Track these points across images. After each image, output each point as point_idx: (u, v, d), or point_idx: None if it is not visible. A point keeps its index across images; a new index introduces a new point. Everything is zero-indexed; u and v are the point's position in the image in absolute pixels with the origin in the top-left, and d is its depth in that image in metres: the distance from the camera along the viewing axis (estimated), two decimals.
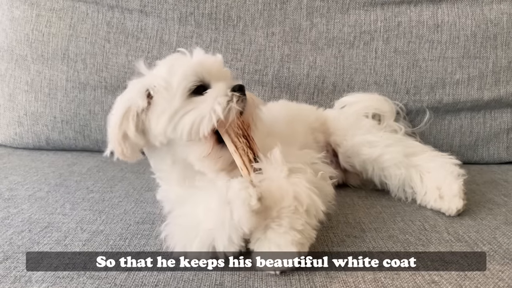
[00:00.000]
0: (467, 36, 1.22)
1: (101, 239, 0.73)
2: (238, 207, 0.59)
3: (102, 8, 1.23)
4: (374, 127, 1.07)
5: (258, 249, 0.62)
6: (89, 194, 0.94)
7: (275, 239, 0.61)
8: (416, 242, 0.73)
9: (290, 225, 0.62)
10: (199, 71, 0.71)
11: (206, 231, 0.62)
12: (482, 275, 0.63)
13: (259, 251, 0.62)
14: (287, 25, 1.23)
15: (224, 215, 0.60)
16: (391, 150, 0.95)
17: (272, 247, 0.61)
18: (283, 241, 0.61)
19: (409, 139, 1.06)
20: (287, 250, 0.60)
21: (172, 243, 0.65)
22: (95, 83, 1.22)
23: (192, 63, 0.73)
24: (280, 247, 0.60)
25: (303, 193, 0.64)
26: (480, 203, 0.92)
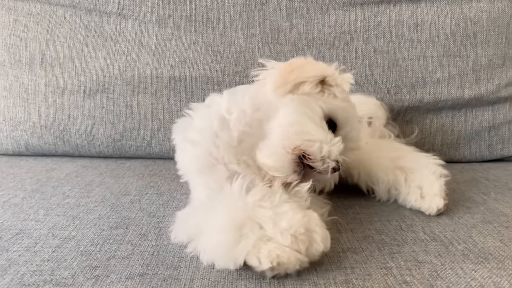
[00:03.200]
0: (447, 35, 1.23)
1: (72, 245, 0.71)
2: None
3: (80, 11, 1.22)
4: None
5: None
6: (65, 199, 0.92)
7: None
8: (391, 242, 0.73)
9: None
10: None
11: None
12: (455, 275, 0.62)
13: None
14: (267, 26, 1.23)
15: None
16: (377, 155, 0.94)
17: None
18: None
19: (394, 142, 1.06)
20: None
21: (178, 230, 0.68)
22: (74, 88, 1.21)
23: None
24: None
25: (316, 231, 0.63)
26: (459, 202, 0.92)
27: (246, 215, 0.62)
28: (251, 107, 0.75)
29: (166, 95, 1.21)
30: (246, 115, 0.75)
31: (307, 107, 0.73)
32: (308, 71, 0.77)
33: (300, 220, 0.61)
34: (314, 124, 0.72)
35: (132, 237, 0.74)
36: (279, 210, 0.62)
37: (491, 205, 0.90)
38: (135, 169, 1.16)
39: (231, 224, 0.60)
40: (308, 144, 0.69)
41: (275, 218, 0.61)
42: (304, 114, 0.72)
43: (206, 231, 0.64)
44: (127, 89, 1.20)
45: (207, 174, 0.76)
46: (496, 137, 1.27)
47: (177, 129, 0.84)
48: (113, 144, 1.23)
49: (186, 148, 0.80)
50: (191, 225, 0.68)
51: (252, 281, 0.61)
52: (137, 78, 1.20)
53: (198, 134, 0.77)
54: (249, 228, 0.60)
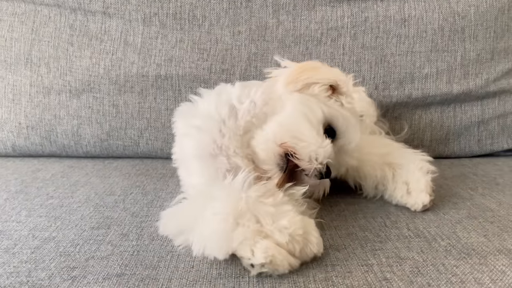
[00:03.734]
0: (434, 30, 1.22)
1: (52, 246, 0.70)
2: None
3: (65, 11, 1.21)
4: None
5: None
6: (48, 200, 0.91)
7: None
8: (374, 239, 0.72)
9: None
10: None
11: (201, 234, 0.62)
12: (436, 271, 0.61)
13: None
14: (253, 23, 1.22)
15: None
16: (365, 151, 0.93)
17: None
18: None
19: (382, 138, 1.06)
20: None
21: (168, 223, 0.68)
22: (60, 87, 1.20)
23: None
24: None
25: (312, 234, 0.64)
26: (446, 198, 0.91)
27: (246, 207, 0.62)
28: (261, 101, 0.77)
29: (153, 93, 1.20)
30: (256, 107, 0.76)
31: (309, 107, 0.74)
32: (322, 73, 0.79)
33: (300, 221, 0.62)
34: (309, 124, 0.72)
35: (113, 237, 0.74)
36: (281, 209, 0.63)
37: (477, 200, 0.89)
38: (122, 168, 1.15)
39: (231, 213, 0.60)
40: (295, 142, 0.70)
41: (275, 216, 0.62)
42: (303, 113, 0.73)
43: (203, 219, 0.63)
44: (113, 88, 1.19)
45: (207, 162, 0.75)
46: (485, 132, 1.26)
47: (180, 114, 0.84)
48: (100, 144, 1.22)
49: (190, 134, 0.79)
50: (184, 216, 0.68)
51: (231, 280, 0.60)
52: (123, 77, 1.19)
53: (205, 120, 0.77)
54: (247, 219, 0.60)
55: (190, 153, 0.78)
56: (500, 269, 0.62)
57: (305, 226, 0.63)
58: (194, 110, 0.80)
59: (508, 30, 1.24)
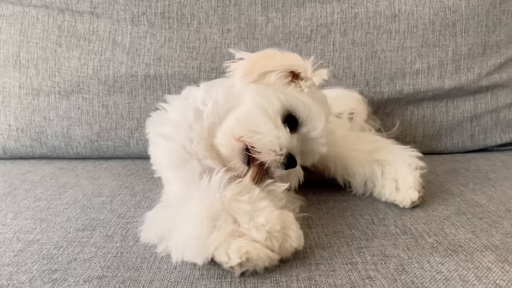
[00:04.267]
0: (425, 25, 1.21)
1: (35, 248, 0.70)
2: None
3: (52, 11, 1.20)
4: (335, 124, 1.05)
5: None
6: (36, 202, 0.91)
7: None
8: (361, 237, 0.72)
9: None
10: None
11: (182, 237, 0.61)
12: (421, 268, 0.61)
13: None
14: (243, 21, 1.21)
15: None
16: (353, 148, 0.93)
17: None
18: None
19: (371, 135, 1.05)
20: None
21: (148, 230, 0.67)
22: (49, 89, 1.19)
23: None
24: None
25: (291, 228, 0.63)
26: (435, 194, 0.90)
27: (222, 207, 0.61)
28: (222, 98, 0.75)
29: (142, 93, 1.19)
30: (219, 106, 0.74)
31: (265, 98, 0.72)
32: (276, 60, 0.76)
33: (277, 217, 0.61)
34: (265, 116, 0.70)
35: (98, 239, 0.73)
36: (257, 206, 0.62)
37: (467, 196, 0.88)
38: (112, 169, 1.15)
39: (206, 215, 0.60)
40: (251, 135, 0.69)
41: (252, 213, 0.61)
42: (259, 105, 0.71)
43: (179, 224, 0.62)
44: (103, 88, 1.19)
45: (180, 169, 0.74)
46: (478, 127, 1.25)
47: (151, 123, 0.82)
48: (91, 145, 1.22)
49: (159, 143, 0.78)
50: (163, 222, 0.66)
51: (213, 281, 0.60)
52: (112, 77, 1.18)
53: (173, 128, 0.75)
54: (223, 220, 0.60)
55: (163, 162, 0.78)
56: (486, 265, 0.61)
57: (284, 221, 0.62)
58: (163, 118, 0.78)
59: (499, 23, 1.23)
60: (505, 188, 0.93)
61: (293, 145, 0.70)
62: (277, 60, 0.76)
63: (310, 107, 0.73)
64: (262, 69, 0.74)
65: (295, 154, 0.71)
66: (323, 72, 0.77)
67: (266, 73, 0.75)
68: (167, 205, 0.69)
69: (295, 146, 0.71)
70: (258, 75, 0.74)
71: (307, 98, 0.74)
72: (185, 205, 0.64)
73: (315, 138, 0.75)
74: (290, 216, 0.64)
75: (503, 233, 0.71)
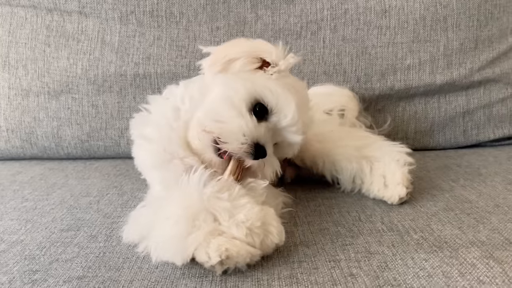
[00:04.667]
0: (416, 20, 1.20)
1: (18, 249, 0.69)
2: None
3: (41, 11, 1.20)
4: (325, 121, 1.04)
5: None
6: (23, 203, 0.90)
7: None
8: (346, 234, 0.71)
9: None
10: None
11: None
12: (404, 265, 0.60)
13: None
14: (232, 18, 1.20)
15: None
16: (341, 144, 0.92)
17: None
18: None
19: (360, 131, 1.04)
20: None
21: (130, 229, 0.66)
22: (38, 89, 1.19)
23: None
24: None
25: (272, 224, 0.62)
26: (425, 190, 0.89)
27: (201, 205, 0.60)
28: (197, 93, 0.74)
29: (132, 93, 1.19)
30: (194, 102, 0.73)
31: (230, 87, 0.70)
32: (239, 47, 0.74)
33: (258, 213, 0.61)
34: (229, 106, 0.68)
35: (81, 239, 0.73)
36: (237, 203, 0.62)
37: (457, 192, 0.88)
38: (102, 169, 1.14)
39: (184, 214, 0.59)
40: (217, 126, 0.67)
41: (232, 210, 0.60)
42: (224, 95, 0.70)
43: (158, 224, 0.62)
44: (92, 88, 1.18)
45: (164, 169, 0.73)
46: (471, 123, 1.24)
47: (134, 125, 0.81)
48: (81, 145, 1.22)
49: (142, 144, 0.78)
50: (143, 222, 0.66)
51: (193, 280, 0.59)
52: (101, 77, 1.18)
53: (154, 129, 0.75)
54: (202, 219, 0.59)
55: (146, 164, 0.77)
56: (471, 262, 0.60)
57: (264, 217, 0.61)
58: (145, 119, 0.77)
59: (491, 18, 1.22)
60: (495, 183, 0.92)
61: (261, 134, 0.68)
62: (241, 47, 0.74)
63: (278, 94, 0.70)
64: (225, 58, 0.72)
65: (265, 143, 0.68)
66: (290, 56, 0.74)
67: (231, 61, 0.72)
68: (148, 205, 0.69)
69: (264, 135, 0.68)
70: (222, 64, 0.72)
71: (275, 84, 0.71)
72: (164, 205, 0.63)
73: (286, 127, 0.71)
74: (271, 212, 0.63)
75: (490, 229, 0.70)
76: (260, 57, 0.73)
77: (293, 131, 0.72)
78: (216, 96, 0.71)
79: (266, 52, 0.73)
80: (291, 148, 0.76)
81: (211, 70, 0.73)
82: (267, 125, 0.70)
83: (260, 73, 0.73)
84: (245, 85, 0.70)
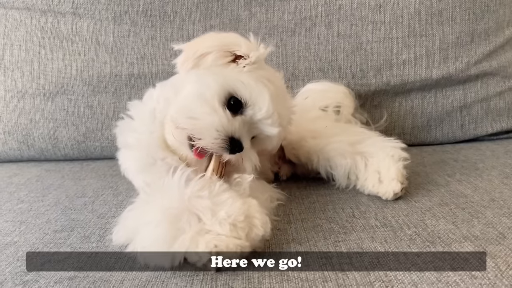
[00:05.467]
0: (411, 14, 1.19)
1: (11, 251, 0.70)
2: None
3: (35, 13, 1.20)
4: (319, 117, 1.04)
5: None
6: (18, 204, 0.91)
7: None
8: (339, 230, 0.70)
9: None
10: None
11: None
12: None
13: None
14: (226, 16, 1.20)
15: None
16: (335, 139, 0.91)
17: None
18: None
19: (355, 127, 1.03)
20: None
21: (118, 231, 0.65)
22: (33, 91, 1.19)
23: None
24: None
25: (255, 217, 0.62)
26: (420, 185, 0.89)
27: (183, 206, 0.60)
28: (171, 92, 0.73)
29: (127, 93, 1.19)
30: (170, 101, 0.73)
31: (202, 83, 0.69)
32: (210, 42, 0.73)
33: (240, 208, 0.60)
34: (202, 101, 0.67)
35: (74, 240, 0.73)
36: (218, 200, 0.61)
37: (452, 186, 0.87)
38: (99, 170, 1.14)
39: (164, 218, 0.59)
40: (190, 122, 0.67)
41: (213, 208, 0.60)
42: (196, 91, 0.69)
43: (142, 227, 0.62)
44: (87, 89, 1.19)
45: (148, 173, 0.73)
46: (468, 117, 1.23)
47: (118, 133, 0.80)
48: (78, 146, 1.22)
49: (125, 152, 0.78)
50: (129, 226, 0.66)
51: (184, 279, 0.59)
52: (96, 77, 1.18)
53: (134, 135, 0.75)
54: (186, 220, 0.59)
55: (132, 170, 0.77)
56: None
57: (247, 210, 0.61)
58: (127, 126, 0.77)
59: (487, 11, 1.21)
60: (492, 177, 0.91)
61: (235, 128, 0.67)
62: (211, 42, 0.73)
63: (251, 87, 0.68)
64: (196, 54, 0.71)
65: (241, 137, 0.67)
66: (261, 47, 0.73)
67: (202, 57, 0.71)
68: (133, 209, 0.68)
69: (239, 128, 0.67)
70: (194, 60, 0.71)
71: (248, 77, 0.69)
72: (146, 209, 0.63)
73: (262, 120, 0.69)
74: (254, 204, 0.63)
75: (485, 223, 0.69)
76: (230, 50, 0.72)
77: (269, 123, 0.70)
78: (189, 92, 0.70)
79: (236, 45, 0.71)
80: (269, 141, 0.74)
81: (184, 67, 0.73)
82: (242, 118, 0.69)
83: (233, 66, 0.71)
84: (217, 79, 0.68)
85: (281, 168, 1.00)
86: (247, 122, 0.69)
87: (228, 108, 0.68)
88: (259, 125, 0.70)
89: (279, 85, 0.75)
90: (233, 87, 0.68)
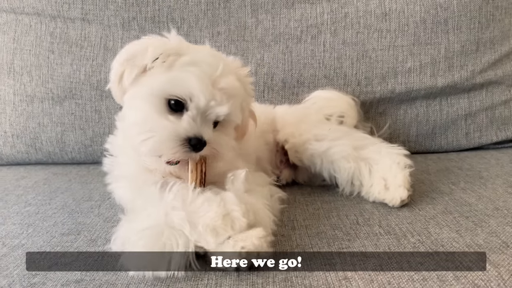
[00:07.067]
0: (416, 23, 1.20)
1: (19, 253, 0.71)
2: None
3: (45, 19, 1.22)
4: (322, 121, 1.05)
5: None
6: (26, 207, 0.92)
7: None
8: (343, 237, 0.71)
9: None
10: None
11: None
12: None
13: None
14: (232, 23, 1.21)
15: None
16: (339, 143, 0.92)
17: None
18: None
19: (358, 132, 1.04)
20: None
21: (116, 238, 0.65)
22: (42, 95, 1.21)
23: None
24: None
25: (234, 210, 0.63)
26: (424, 193, 0.89)
27: (161, 221, 0.62)
28: (123, 126, 0.79)
29: None
30: (125, 134, 0.76)
31: (135, 107, 0.70)
32: (118, 61, 0.71)
33: (216, 210, 0.61)
34: (141, 124, 0.67)
35: (81, 243, 0.74)
36: (194, 206, 0.62)
37: (456, 195, 0.87)
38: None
39: (149, 234, 0.61)
40: (146, 148, 0.67)
41: (190, 220, 0.61)
42: (134, 117, 0.70)
43: (129, 241, 0.63)
44: (95, 94, 1.20)
45: (140, 195, 0.73)
46: (473, 125, 1.24)
47: (105, 166, 0.84)
48: (85, 149, 1.23)
49: (117, 185, 0.81)
50: (122, 235, 0.66)
51: (189, 283, 0.60)
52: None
53: (119, 168, 0.80)
54: (167, 236, 0.60)
55: (127, 198, 0.78)
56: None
57: (224, 207, 0.62)
58: (112, 163, 0.82)
59: (493, 19, 1.21)
60: (496, 186, 0.91)
61: (186, 128, 0.66)
62: (118, 61, 0.71)
63: (177, 81, 0.66)
64: (116, 75, 0.71)
65: (197, 132, 0.66)
66: (171, 37, 0.75)
67: (119, 79, 0.71)
68: (126, 220, 0.68)
69: (190, 126, 0.66)
70: (117, 87, 0.72)
71: (171, 73, 0.67)
72: (131, 220, 0.66)
73: (206, 106, 0.67)
74: (229, 197, 0.64)
75: (488, 232, 0.70)
76: (137, 64, 0.69)
77: (213, 105, 0.67)
78: (129, 121, 0.71)
79: (140, 53, 0.69)
80: (232, 117, 0.71)
81: (118, 98, 0.75)
82: (189, 114, 0.67)
83: (151, 71, 0.69)
84: (145, 95, 0.68)
85: (282, 173, 1.00)
86: (198, 114, 0.67)
87: (173, 110, 0.67)
88: (210, 110, 0.68)
89: (208, 62, 0.69)
90: (163, 91, 0.67)
